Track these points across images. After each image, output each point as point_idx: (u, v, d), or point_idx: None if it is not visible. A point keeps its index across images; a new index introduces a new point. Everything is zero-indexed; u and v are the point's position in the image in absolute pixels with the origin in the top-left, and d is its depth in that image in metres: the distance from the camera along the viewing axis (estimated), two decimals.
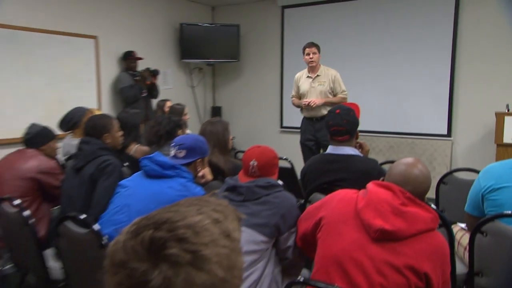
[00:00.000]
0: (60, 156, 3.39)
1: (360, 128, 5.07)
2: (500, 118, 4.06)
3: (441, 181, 2.77)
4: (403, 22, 5.34)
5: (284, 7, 6.18)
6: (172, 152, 2.25)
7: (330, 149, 2.41)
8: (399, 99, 5.46)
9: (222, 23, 6.59)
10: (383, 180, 1.58)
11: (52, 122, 3.13)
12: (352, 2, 5.62)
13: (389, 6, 5.39)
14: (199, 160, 2.28)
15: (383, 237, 1.39)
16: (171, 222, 0.60)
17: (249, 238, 1.76)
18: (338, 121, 2.33)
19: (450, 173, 2.80)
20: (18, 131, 2.98)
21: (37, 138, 2.81)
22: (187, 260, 0.56)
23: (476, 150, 4.98)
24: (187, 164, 2.21)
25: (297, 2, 6.01)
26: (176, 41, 6.28)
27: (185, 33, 6.16)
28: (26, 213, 2.12)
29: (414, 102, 5.36)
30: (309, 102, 4.25)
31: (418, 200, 1.45)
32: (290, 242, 1.84)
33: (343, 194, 1.65)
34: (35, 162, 2.67)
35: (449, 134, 5.17)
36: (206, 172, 2.38)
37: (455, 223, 2.29)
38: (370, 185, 1.54)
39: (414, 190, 1.47)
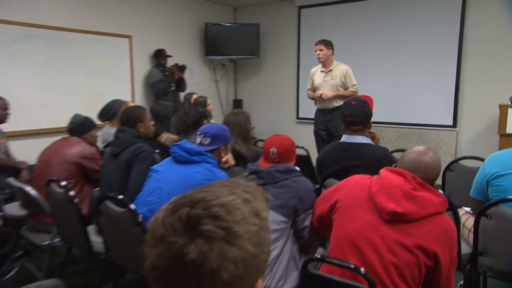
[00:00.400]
0: (99, 144, 3.45)
1: (371, 119, 4.93)
2: (503, 110, 4.03)
3: (447, 168, 2.71)
4: (412, 21, 5.22)
5: (300, 7, 6.12)
6: (198, 140, 2.27)
7: (344, 138, 2.38)
8: (408, 93, 5.38)
9: (243, 23, 6.56)
10: (395, 166, 1.55)
11: (91, 114, 3.17)
12: (365, 2, 5.52)
13: (399, 6, 5.29)
14: (222, 147, 2.29)
15: (395, 219, 1.37)
16: (205, 201, 0.60)
17: (270, 218, 1.75)
18: (354, 112, 2.30)
19: (455, 161, 2.75)
20: (61, 122, 3.05)
21: (79, 127, 2.85)
22: (221, 236, 0.56)
23: (480, 140, 4.90)
24: (212, 151, 2.22)
25: (313, 2, 5.94)
26: (201, 40, 6.28)
27: (209, 32, 6.15)
28: (71, 193, 2.17)
29: (422, 95, 5.27)
30: (321, 95, 4.22)
31: (428, 185, 1.43)
32: (307, 222, 1.83)
33: (357, 179, 1.63)
34: (78, 148, 2.71)
35: (454, 125, 5.09)
36: (229, 158, 2.39)
37: (460, 207, 2.25)
38: (383, 171, 1.52)
39: (425, 176, 1.45)
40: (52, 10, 4.41)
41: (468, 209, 2.22)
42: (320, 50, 4.25)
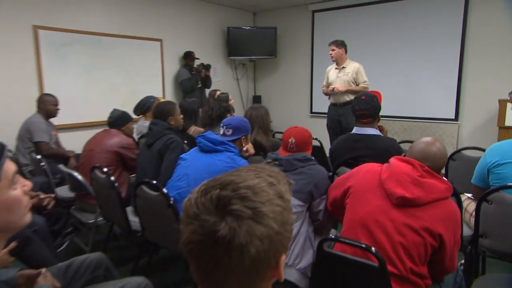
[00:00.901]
0: (135, 135, 3.49)
1: (380, 113, 4.80)
2: (503, 104, 3.95)
3: (450, 158, 2.64)
4: (418, 23, 5.09)
5: (314, 11, 6.04)
6: (221, 131, 2.26)
7: (355, 130, 2.33)
8: (413, 88, 5.26)
9: (261, 26, 6.51)
10: (405, 155, 1.51)
11: (127, 109, 3.20)
12: (373, 6, 5.40)
13: (406, 9, 5.16)
14: (243, 137, 2.28)
15: (404, 204, 1.33)
16: (234, 183, 0.59)
17: None
18: (363, 106, 2.25)
19: (458, 151, 2.68)
20: (102, 116, 3.09)
21: (118, 121, 2.88)
22: (248, 215, 0.55)
23: (480, 132, 4.78)
24: (234, 141, 2.22)
25: (325, 7, 5.86)
26: (224, 42, 6.26)
27: (231, 35, 6.13)
28: (112, 178, 2.20)
29: (426, 91, 5.15)
30: (333, 88, 4.17)
31: (434, 173, 1.38)
32: (321, 206, 1.80)
33: (369, 167, 1.59)
34: (117, 139, 2.74)
35: (456, 118, 4.96)
36: (249, 147, 2.38)
37: (462, 193, 2.20)
38: (393, 160, 1.48)
39: (432, 165, 1.41)
40: (94, 18, 4.48)
41: (469, 195, 2.17)
42: (332, 50, 4.20)
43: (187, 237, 0.57)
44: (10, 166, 0.82)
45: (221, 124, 2.30)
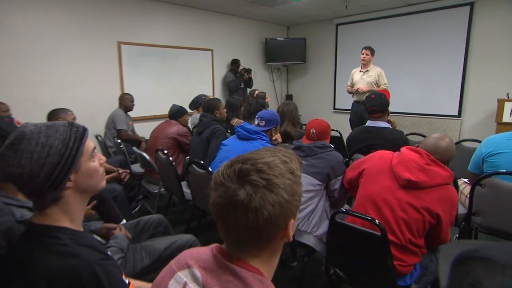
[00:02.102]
0: (189, 125, 3.59)
1: (392, 109, 4.68)
2: (501, 103, 3.76)
3: None
4: (428, 32, 4.75)
5: (338, 24, 5.81)
6: (256, 122, 2.24)
7: (368, 123, 2.24)
8: (423, 88, 4.94)
9: (293, 37, 6.35)
10: (417, 146, 1.43)
11: (184, 105, 3.29)
12: (389, 19, 5.11)
13: (417, 21, 4.84)
14: (273, 128, 2.24)
15: (409, 186, 1.26)
16: (253, 159, 0.60)
17: (308, 182, 1.72)
18: (373, 103, 2.15)
19: (458, 142, 2.49)
20: (166, 110, 3.19)
21: (176, 113, 2.95)
22: (263, 184, 0.56)
23: (480, 127, 4.44)
24: (266, 131, 2.18)
25: (347, 21, 5.62)
26: (262, 50, 6.19)
27: (268, 45, 6.05)
28: (170, 159, 2.27)
29: (434, 91, 4.82)
30: (358, 88, 4.00)
31: (439, 162, 1.30)
32: (337, 186, 1.75)
33: (382, 154, 1.52)
34: (175, 128, 2.82)
35: (459, 115, 4.63)
36: (278, 137, 2.35)
37: (459, 178, 2.05)
38: (404, 149, 1.40)
39: (441, 157, 1.33)
40: (160, 34, 4.62)
41: (465, 180, 2.04)
42: (367, 54, 4.02)
43: (214, 200, 0.59)
44: (90, 144, 0.84)
45: (256, 117, 2.30)
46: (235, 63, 5.41)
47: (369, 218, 1.20)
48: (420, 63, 4.90)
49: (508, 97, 3.87)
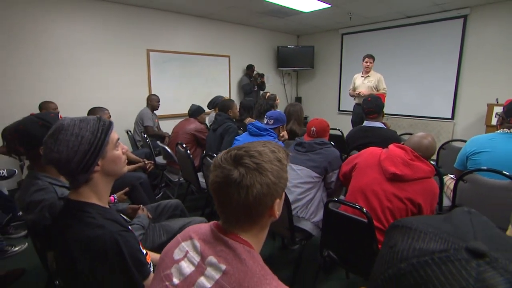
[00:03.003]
0: (207, 122, 3.64)
1: (389, 112, 4.61)
2: (490, 107, 3.74)
3: (441, 147, 2.42)
4: (425, 42, 4.64)
5: (343, 34, 5.73)
6: (265, 121, 2.27)
7: (365, 123, 2.23)
8: (419, 93, 4.82)
9: (303, 45, 6.29)
10: (403, 144, 1.42)
11: (204, 105, 3.35)
12: (389, 30, 5.01)
13: (415, 31, 4.73)
14: (281, 126, 2.26)
15: (394, 178, 1.27)
16: (247, 148, 0.63)
17: (307, 174, 1.73)
18: (370, 105, 2.13)
19: (447, 142, 2.44)
20: (186, 109, 3.25)
21: (194, 112, 2.99)
22: (254, 167, 0.59)
23: (471, 129, 4.33)
24: (274, 128, 2.20)
25: (352, 31, 5.54)
26: (274, 57, 6.18)
27: (280, 52, 6.03)
28: (188, 152, 2.31)
29: (429, 95, 4.71)
30: (359, 92, 3.95)
31: (422, 158, 1.29)
32: (333, 178, 1.76)
33: (372, 150, 1.53)
34: (193, 125, 2.86)
35: (452, 117, 4.52)
36: (284, 134, 2.36)
37: (446, 174, 2.00)
38: (391, 146, 1.41)
39: (424, 154, 1.32)
40: (183, 42, 4.70)
41: (452, 176, 1.99)
42: (370, 62, 3.97)
43: (212, 179, 0.62)
44: (114, 135, 0.89)
45: (265, 116, 2.32)
46: (250, 68, 5.44)
47: (357, 206, 1.22)
48: (417, 70, 4.80)
49: (497, 102, 3.79)
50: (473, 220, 0.28)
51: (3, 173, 2.21)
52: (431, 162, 1.35)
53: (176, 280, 0.60)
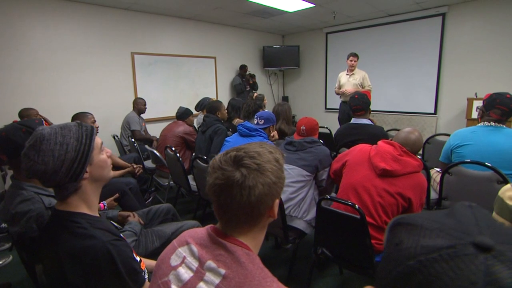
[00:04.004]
0: (195, 125, 3.60)
1: (375, 108, 4.71)
2: (470, 101, 3.84)
3: (426, 142, 2.49)
4: (407, 39, 4.77)
5: (327, 33, 5.82)
6: (256, 121, 2.26)
7: (353, 120, 2.27)
8: (403, 89, 4.95)
9: (288, 45, 6.34)
10: (391, 140, 1.45)
11: (191, 107, 3.32)
12: (372, 28, 5.12)
13: (397, 29, 4.85)
14: (271, 126, 2.25)
15: (384, 174, 1.29)
16: (246, 149, 0.63)
17: (299, 173, 1.74)
18: (356, 102, 2.17)
19: (432, 136, 2.51)
20: (174, 112, 3.21)
21: (182, 115, 2.94)
22: (255, 167, 0.59)
23: (453, 123, 4.48)
24: (264, 128, 2.20)
25: (335, 29, 5.64)
26: (260, 57, 6.19)
27: (266, 52, 6.04)
28: (178, 155, 2.28)
29: (413, 91, 4.84)
30: (344, 90, 4.01)
31: (410, 153, 1.32)
32: (324, 176, 1.77)
33: (361, 147, 1.55)
34: (182, 128, 2.82)
35: (435, 112, 4.66)
36: (275, 134, 2.37)
37: (432, 168, 2.07)
38: (380, 142, 1.43)
39: (411, 149, 1.35)
40: (169, 44, 4.63)
41: (438, 169, 2.05)
42: (355, 60, 4.03)
43: (212, 182, 0.61)
44: (98, 140, 0.87)
45: (255, 116, 2.31)
46: (242, 68, 5.47)
47: (350, 203, 1.23)
48: (400, 66, 4.92)
49: (476, 96, 3.91)
50: (476, 214, 0.29)
51: None
52: (418, 156, 1.39)
53: (174, 287, 0.59)
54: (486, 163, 1.50)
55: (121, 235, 0.91)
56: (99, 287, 0.73)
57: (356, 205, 1.20)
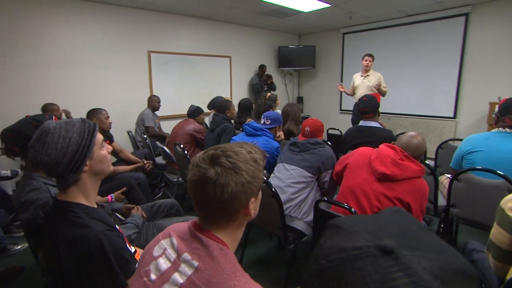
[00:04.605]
0: (208, 123, 3.65)
1: (390, 111, 4.54)
2: (492, 106, 3.66)
3: (439, 147, 2.40)
4: (426, 40, 4.58)
5: (344, 33, 5.72)
6: (262, 121, 2.28)
7: (361, 123, 2.22)
8: (421, 92, 4.76)
9: (304, 45, 6.27)
10: (393, 143, 1.41)
11: (205, 105, 3.36)
12: (390, 28, 4.97)
13: (417, 29, 4.66)
14: (278, 126, 2.28)
15: (384, 178, 1.27)
16: (224, 148, 0.64)
17: (301, 174, 1.74)
18: (365, 104, 2.12)
19: (445, 141, 2.42)
20: (187, 110, 3.29)
21: (193, 113, 3.01)
22: (229, 166, 0.60)
23: (473, 128, 4.25)
24: (271, 128, 2.22)
25: (353, 30, 5.52)
26: (276, 57, 6.18)
27: (281, 52, 6.03)
28: (186, 152, 2.32)
29: (431, 94, 4.64)
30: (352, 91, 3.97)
31: (412, 157, 1.28)
32: (327, 178, 1.76)
33: (362, 150, 1.53)
34: (192, 126, 2.88)
35: (454, 116, 4.45)
36: (281, 134, 2.38)
37: (443, 174, 1.98)
38: (382, 146, 1.40)
39: (413, 153, 1.32)
40: (184, 43, 4.73)
41: (449, 175, 1.97)
42: (369, 61, 3.96)
43: (190, 177, 0.64)
44: (99, 136, 0.92)
45: (262, 116, 2.33)
46: (261, 68, 5.51)
47: (346, 206, 1.22)
48: (419, 68, 4.75)
49: (499, 100, 3.69)
50: (396, 220, 0.29)
51: (6, 173, 2.27)
52: (429, 161, 1.35)
53: (153, 276, 0.62)
54: (498, 171, 1.43)
55: (117, 226, 0.96)
56: (89, 274, 0.77)
57: (352, 209, 1.19)
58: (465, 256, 1.19)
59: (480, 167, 1.51)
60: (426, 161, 1.70)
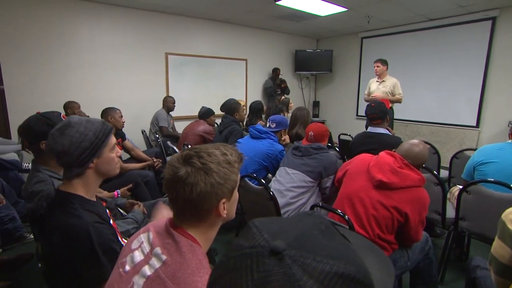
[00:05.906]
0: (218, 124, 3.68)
1: (409, 118, 4.37)
2: None
3: (454, 156, 2.27)
4: (448, 46, 4.38)
5: (363, 37, 5.60)
6: (268, 124, 2.29)
7: (369, 129, 2.18)
8: (442, 99, 4.55)
9: (321, 49, 6.23)
10: (394, 151, 1.37)
11: (219, 107, 3.41)
12: (411, 33, 4.80)
13: (439, 34, 4.47)
14: (283, 130, 2.28)
15: (381, 186, 1.23)
16: (199, 149, 0.66)
17: (301, 178, 1.73)
18: (373, 110, 2.08)
19: (460, 151, 2.30)
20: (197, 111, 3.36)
21: (204, 114, 3.08)
22: (200, 166, 0.62)
23: (497, 138, 3.99)
24: (276, 132, 2.23)
25: (372, 34, 5.39)
26: (292, 61, 6.16)
27: (298, 55, 6.01)
28: None
29: (453, 102, 4.43)
30: (374, 96, 3.81)
31: (412, 166, 1.24)
32: (328, 184, 1.74)
33: (363, 157, 1.50)
34: (202, 127, 2.95)
35: (477, 125, 4.22)
36: (286, 138, 2.37)
37: (455, 185, 1.88)
38: (382, 153, 1.37)
39: (412, 161, 1.28)
40: (200, 46, 4.83)
41: (461, 186, 1.85)
42: (378, 66, 3.84)
43: (165, 176, 0.66)
44: (113, 139, 0.99)
45: (268, 119, 2.34)
46: (275, 71, 5.52)
47: (340, 213, 1.20)
48: (440, 75, 4.55)
49: None
50: (303, 223, 0.29)
51: (27, 166, 2.43)
52: (443, 171, 1.30)
53: (127, 267, 0.65)
54: (511, 185, 1.34)
55: (116, 221, 1.01)
56: (77, 260, 0.82)
57: (346, 216, 1.17)
58: (468, 273, 1.13)
59: (491, 179, 1.43)
60: (440, 171, 1.64)
